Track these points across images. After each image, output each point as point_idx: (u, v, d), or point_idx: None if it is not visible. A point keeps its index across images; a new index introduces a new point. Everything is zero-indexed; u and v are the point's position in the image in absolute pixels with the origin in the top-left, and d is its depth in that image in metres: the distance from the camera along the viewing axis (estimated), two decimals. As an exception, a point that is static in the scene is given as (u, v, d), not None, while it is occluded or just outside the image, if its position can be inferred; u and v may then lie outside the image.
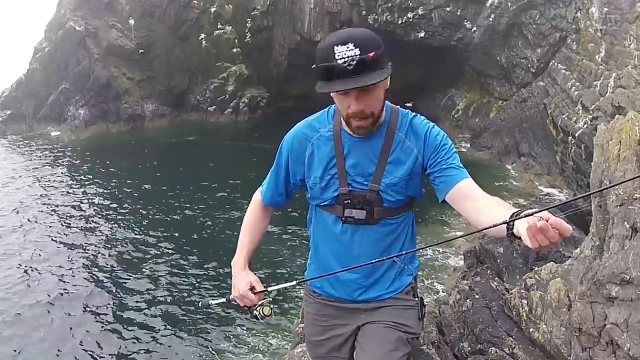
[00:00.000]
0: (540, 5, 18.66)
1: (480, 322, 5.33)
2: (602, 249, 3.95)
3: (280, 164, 2.05)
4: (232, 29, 25.39)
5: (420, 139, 1.90)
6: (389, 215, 1.94)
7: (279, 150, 2.05)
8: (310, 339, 2.29)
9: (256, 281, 1.95)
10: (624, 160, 3.78)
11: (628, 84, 13.95)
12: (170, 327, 10.28)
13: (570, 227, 1.34)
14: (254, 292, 1.93)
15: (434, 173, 1.87)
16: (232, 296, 1.99)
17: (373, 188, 1.89)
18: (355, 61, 1.56)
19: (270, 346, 9.48)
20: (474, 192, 1.81)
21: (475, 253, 9.50)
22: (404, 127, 1.91)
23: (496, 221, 1.45)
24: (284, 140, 2.05)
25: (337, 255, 2.03)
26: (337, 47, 1.58)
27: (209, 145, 22.43)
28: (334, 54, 1.58)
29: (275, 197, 2.10)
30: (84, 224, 15.35)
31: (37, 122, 25.69)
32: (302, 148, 1.98)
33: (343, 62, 1.57)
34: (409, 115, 1.95)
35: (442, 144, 1.89)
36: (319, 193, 1.97)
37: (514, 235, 1.43)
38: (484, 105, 21.83)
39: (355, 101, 1.69)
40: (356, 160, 1.90)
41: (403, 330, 2.04)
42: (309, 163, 1.97)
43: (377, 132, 1.88)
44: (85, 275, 12.41)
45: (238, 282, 1.97)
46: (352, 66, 1.56)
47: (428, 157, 1.89)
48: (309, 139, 1.97)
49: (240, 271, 2.01)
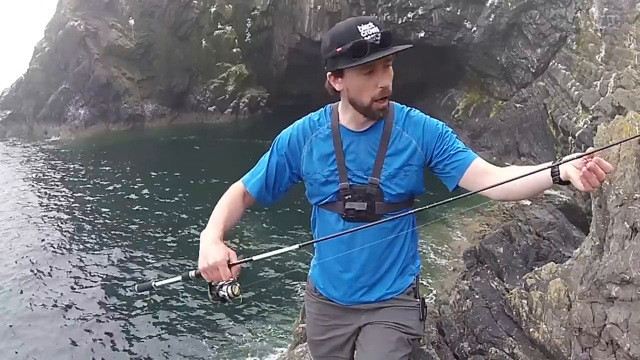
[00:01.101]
0: (540, 5, 18.66)
1: (480, 322, 5.34)
2: (602, 249, 3.95)
3: (273, 159, 2.02)
4: (232, 29, 25.38)
5: (419, 130, 1.92)
6: (390, 210, 1.94)
7: (275, 145, 2.04)
8: (311, 338, 2.29)
9: (233, 254, 1.70)
10: (624, 160, 3.78)
11: (628, 84, 13.95)
12: (168, 328, 10.27)
13: (609, 164, 1.40)
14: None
15: (444, 161, 1.88)
16: (198, 270, 1.71)
17: (373, 181, 1.90)
18: (380, 36, 1.68)
19: (270, 346, 9.48)
20: (491, 168, 1.86)
21: (475, 253, 9.51)
22: (401, 119, 1.94)
23: (529, 176, 1.52)
24: (280, 136, 2.04)
25: (340, 254, 2.02)
26: (361, 27, 1.70)
27: (209, 145, 22.42)
28: (360, 32, 1.69)
29: (262, 189, 2.02)
30: (84, 223, 15.34)
31: (37, 122, 25.69)
32: (299, 145, 1.99)
33: (371, 37, 1.67)
34: (404, 109, 1.98)
35: (444, 132, 1.92)
36: (319, 189, 1.97)
37: (561, 181, 1.49)
38: (484, 105, 21.84)
39: (384, 75, 1.76)
40: (355, 154, 1.92)
41: (404, 331, 2.04)
42: (307, 160, 1.98)
43: (375, 126, 1.91)
44: (86, 275, 12.40)
45: (212, 252, 1.70)
46: (379, 41, 1.68)
47: (433, 148, 1.90)
48: (307, 136, 1.98)
49: (215, 242, 1.76)
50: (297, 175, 2.03)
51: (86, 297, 11.47)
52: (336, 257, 2.02)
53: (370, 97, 1.78)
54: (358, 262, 2.01)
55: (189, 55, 25.55)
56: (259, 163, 2.07)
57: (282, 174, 2.03)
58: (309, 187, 2.02)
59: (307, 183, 2.01)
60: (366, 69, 1.73)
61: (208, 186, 17.77)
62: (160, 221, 15.36)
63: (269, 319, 10.33)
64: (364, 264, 2.01)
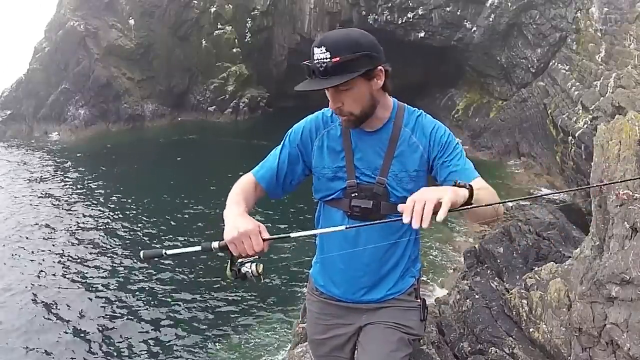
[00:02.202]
0: (540, 5, 18.66)
1: (480, 322, 5.33)
2: (602, 249, 3.95)
3: (285, 151, 2.02)
4: (232, 29, 25.37)
5: (427, 136, 1.93)
6: (395, 211, 1.93)
7: (287, 137, 2.04)
8: (312, 337, 2.29)
9: (264, 229, 1.62)
10: (624, 160, 3.78)
11: (628, 84, 13.96)
12: (167, 326, 10.28)
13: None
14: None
15: (442, 174, 1.89)
16: (223, 242, 1.61)
17: (380, 181, 1.92)
18: (324, 64, 1.67)
19: (270, 346, 9.48)
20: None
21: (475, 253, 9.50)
22: (411, 123, 1.95)
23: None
24: (293, 129, 2.05)
25: (343, 253, 2.02)
26: (315, 49, 1.70)
27: (209, 145, 22.42)
28: (313, 55, 1.70)
29: (273, 181, 2.00)
30: (84, 223, 15.35)
31: (37, 122, 25.67)
32: (311, 139, 2.01)
33: (316, 63, 1.68)
34: (416, 112, 1.99)
35: (448, 142, 1.91)
36: (327, 183, 1.98)
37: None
38: (484, 105, 21.84)
39: (331, 100, 1.80)
40: (364, 153, 1.94)
41: (404, 331, 2.05)
42: (317, 154, 1.99)
43: (384, 127, 1.93)
44: (86, 274, 12.41)
45: (242, 223, 1.62)
46: (322, 69, 1.67)
47: (434, 157, 1.91)
48: (319, 130, 2.00)
49: (242, 215, 1.70)
50: (309, 168, 2.04)
51: (86, 296, 11.48)
52: (340, 255, 2.02)
53: (332, 110, 1.85)
54: (360, 261, 2.01)
55: (189, 55, 25.54)
56: (269, 156, 2.06)
57: (295, 166, 2.02)
58: (316, 182, 2.03)
59: (315, 177, 2.03)
60: None
61: (208, 186, 17.77)
62: (161, 221, 15.36)
63: (269, 319, 10.33)
64: (366, 263, 2.01)
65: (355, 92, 1.76)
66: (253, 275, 1.63)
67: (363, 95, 1.79)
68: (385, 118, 1.92)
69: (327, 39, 1.70)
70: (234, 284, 1.73)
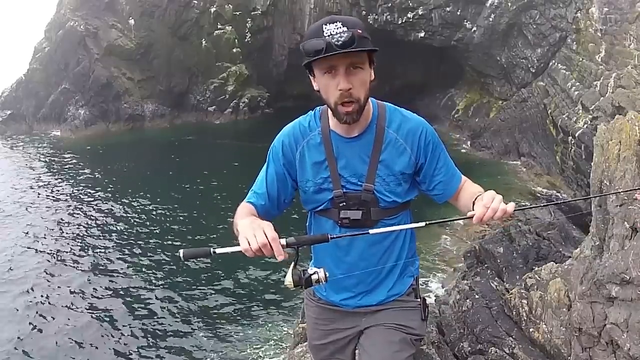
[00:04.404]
0: (540, 5, 18.65)
1: (480, 322, 5.34)
2: (602, 249, 3.95)
3: (271, 170, 1.95)
4: (232, 29, 25.37)
5: (415, 141, 1.89)
6: (387, 215, 1.92)
7: (270, 156, 1.98)
8: (312, 343, 2.26)
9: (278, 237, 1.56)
10: (624, 160, 3.78)
11: (628, 84, 13.96)
12: (167, 326, 10.27)
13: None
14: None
15: (431, 182, 1.92)
16: (243, 247, 1.54)
17: (367, 188, 1.87)
18: (344, 36, 1.60)
19: (270, 346, 9.48)
20: (466, 185, 1.97)
21: (475, 253, 9.52)
22: (394, 123, 1.89)
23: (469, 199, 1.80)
24: (273, 145, 1.98)
25: (337, 261, 1.99)
26: (326, 26, 1.64)
27: (209, 145, 22.42)
28: (323, 31, 1.64)
29: (266, 204, 1.93)
30: (84, 223, 15.34)
31: (37, 122, 25.69)
32: (292, 153, 1.94)
33: (331, 37, 1.61)
34: (397, 111, 1.93)
35: (435, 146, 1.91)
36: (313, 196, 1.94)
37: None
38: (484, 105, 21.84)
39: (344, 77, 1.68)
40: (348, 161, 1.88)
41: (406, 331, 2.02)
42: (300, 167, 1.93)
43: (367, 131, 1.87)
44: (86, 274, 12.40)
45: (258, 227, 1.55)
46: (341, 42, 1.60)
47: (422, 162, 1.90)
48: (299, 143, 1.93)
49: (257, 219, 1.66)
50: (296, 182, 1.97)
51: (85, 296, 11.47)
52: (335, 263, 1.99)
53: (334, 100, 1.73)
54: (357, 268, 1.98)
55: (189, 55, 25.53)
56: (257, 180, 1.99)
57: (284, 183, 1.96)
58: (302, 195, 1.99)
59: (301, 191, 1.97)
60: (325, 68, 1.69)
61: (208, 186, 17.77)
62: (161, 221, 15.36)
63: (269, 319, 10.33)
64: (363, 268, 1.98)
65: (364, 75, 1.72)
66: (320, 281, 1.61)
67: (367, 80, 1.74)
68: (367, 119, 1.85)
69: (337, 17, 1.66)
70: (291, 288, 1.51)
